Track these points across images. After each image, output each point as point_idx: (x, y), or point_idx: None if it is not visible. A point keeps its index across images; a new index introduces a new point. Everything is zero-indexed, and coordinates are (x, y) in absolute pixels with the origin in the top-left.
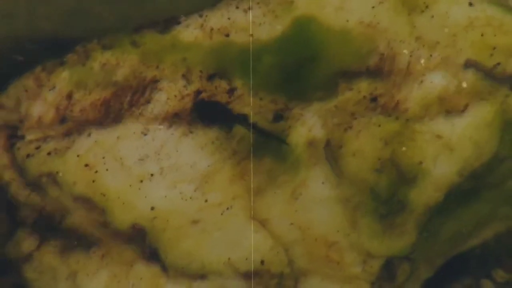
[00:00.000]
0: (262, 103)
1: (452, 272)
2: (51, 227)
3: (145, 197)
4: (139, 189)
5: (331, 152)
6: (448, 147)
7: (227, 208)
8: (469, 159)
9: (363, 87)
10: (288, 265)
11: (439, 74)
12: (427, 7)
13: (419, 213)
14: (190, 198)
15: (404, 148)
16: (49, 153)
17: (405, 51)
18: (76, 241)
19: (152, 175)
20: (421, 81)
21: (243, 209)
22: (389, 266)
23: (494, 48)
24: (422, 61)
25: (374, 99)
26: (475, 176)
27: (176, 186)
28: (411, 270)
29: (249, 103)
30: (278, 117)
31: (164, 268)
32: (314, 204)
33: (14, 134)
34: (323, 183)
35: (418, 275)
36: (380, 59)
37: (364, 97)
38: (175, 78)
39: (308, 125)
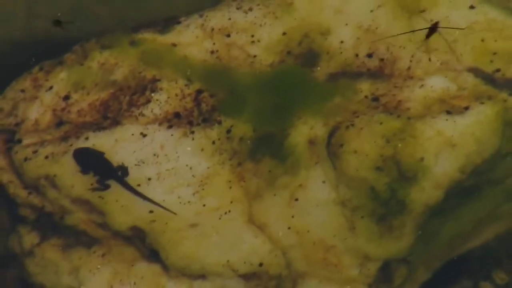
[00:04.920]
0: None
1: (450, 274)
2: (52, 225)
3: (143, 200)
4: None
5: (332, 150)
6: (450, 143)
7: (225, 213)
8: (471, 155)
9: (365, 87)
10: (286, 268)
11: (439, 79)
12: (426, 11)
13: (418, 213)
14: (189, 202)
15: (400, 145)
16: (46, 157)
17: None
18: (77, 239)
19: (149, 179)
20: (422, 85)
21: (241, 213)
22: (386, 269)
23: (494, 54)
24: (422, 65)
25: (375, 99)
26: (476, 173)
27: (173, 191)
28: (409, 273)
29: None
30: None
31: (165, 268)
32: (312, 207)
33: (11, 138)
34: (324, 182)
35: (416, 278)
36: (380, 62)
37: (366, 96)
38: (176, 77)
39: (310, 124)
